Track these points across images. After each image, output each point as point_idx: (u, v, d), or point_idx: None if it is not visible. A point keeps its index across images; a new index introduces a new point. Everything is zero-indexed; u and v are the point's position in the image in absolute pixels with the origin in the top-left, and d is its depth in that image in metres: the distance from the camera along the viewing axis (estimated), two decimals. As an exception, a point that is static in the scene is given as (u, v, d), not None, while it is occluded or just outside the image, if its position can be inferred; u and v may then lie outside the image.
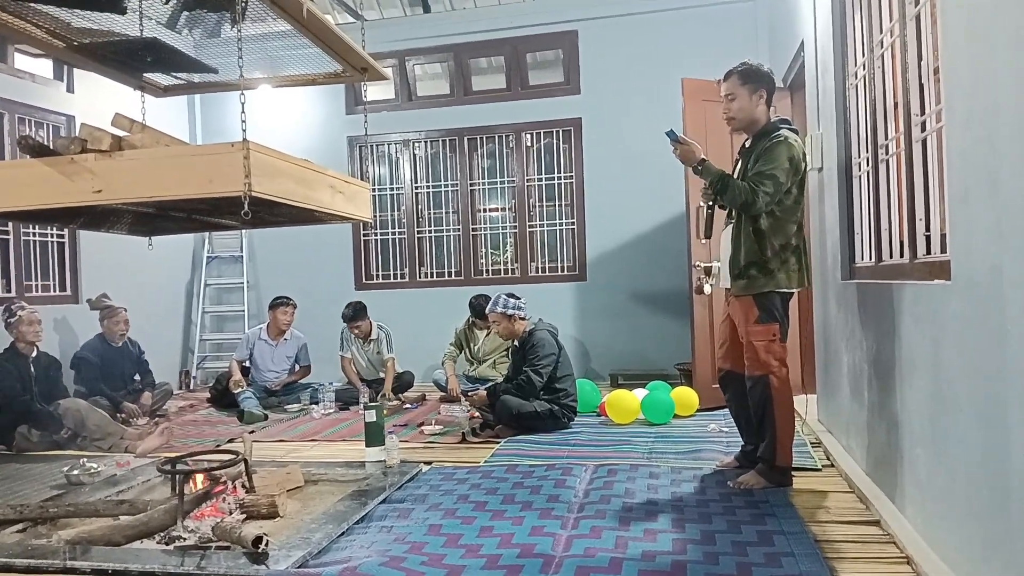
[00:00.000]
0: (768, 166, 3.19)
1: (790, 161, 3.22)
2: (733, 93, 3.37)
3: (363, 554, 2.60)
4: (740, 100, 3.36)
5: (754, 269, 3.26)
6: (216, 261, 8.14)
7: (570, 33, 7.36)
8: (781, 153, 3.21)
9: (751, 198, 3.17)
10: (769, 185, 3.17)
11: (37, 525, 3.14)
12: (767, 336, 3.27)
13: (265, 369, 6.30)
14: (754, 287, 3.26)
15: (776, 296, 3.29)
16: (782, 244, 3.26)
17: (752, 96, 3.36)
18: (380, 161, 8.03)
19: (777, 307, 3.29)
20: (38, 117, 6.32)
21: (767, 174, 3.18)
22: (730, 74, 3.40)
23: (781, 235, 3.26)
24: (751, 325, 3.29)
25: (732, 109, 3.39)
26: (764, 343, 3.26)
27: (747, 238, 3.28)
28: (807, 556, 2.48)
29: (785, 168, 3.20)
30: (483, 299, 6.20)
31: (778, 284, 3.26)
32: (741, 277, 3.29)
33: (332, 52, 3.49)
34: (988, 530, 1.97)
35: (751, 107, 3.37)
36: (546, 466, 3.80)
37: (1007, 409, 1.80)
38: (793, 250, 3.29)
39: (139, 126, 3.01)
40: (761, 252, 3.25)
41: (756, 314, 3.27)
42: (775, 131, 3.31)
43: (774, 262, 3.25)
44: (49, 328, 5.82)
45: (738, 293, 3.33)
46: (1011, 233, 1.75)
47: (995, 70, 1.83)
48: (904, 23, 2.78)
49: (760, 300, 3.27)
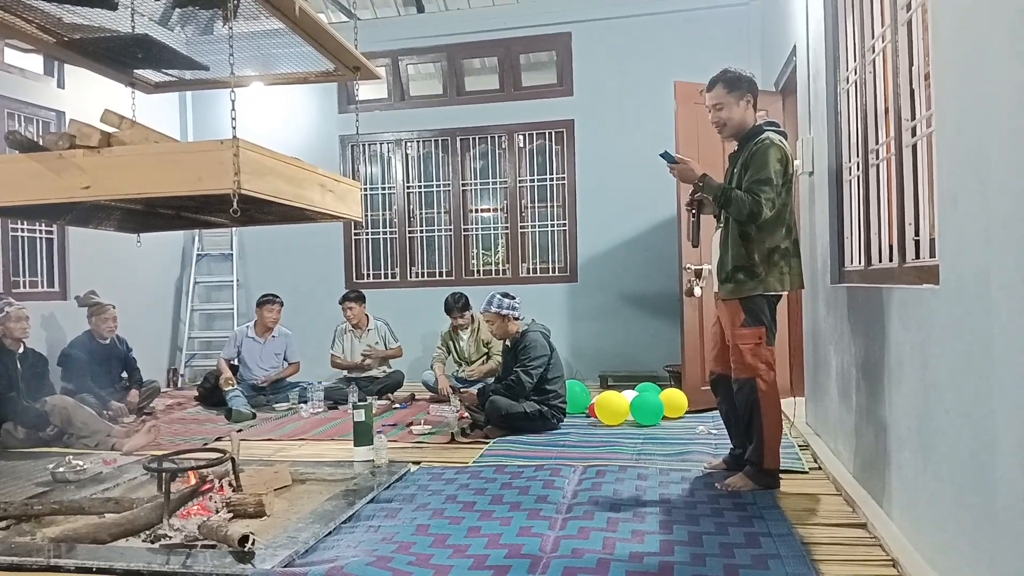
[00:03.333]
0: (761, 173, 3.20)
1: (780, 163, 3.24)
2: (720, 102, 3.38)
3: (350, 554, 2.59)
4: (728, 108, 3.37)
5: (741, 273, 3.27)
6: (206, 259, 8.11)
7: (563, 35, 7.36)
8: (771, 156, 3.22)
9: (756, 208, 3.17)
10: (768, 190, 3.18)
11: (21, 523, 3.12)
12: (753, 339, 3.28)
13: (254, 366, 6.28)
14: (741, 291, 3.28)
15: (763, 300, 3.29)
16: (770, 248, 3.27)
17: (740, 102, 3.37)
18: (372, 160, 8.01)
19: (764, 311, 3.30)
20: (28, 112, 6.28)
21: (763, 180, 3.19)
22: (714, 83, 3.41)
23: (769, 239, 3.27)
24: (737, 328, 3.31)
25: (722, 117, 3.39)
26: (750, 346, 3.27)
27: (735, 242, 3.29)
28: (794, 558, 2.49)
29: (777, 170, 3.22)
30: (458, 296, 6.23)
31: (766, 288, 3.27)
32: (728, 281, 3.31)
33: (324, 51, 3.49)
34: (974, 533, 1.98)
35: (740, 113, 3.38)
36: (535, 467, 3.80)
37: (994, 413, 1.81)
38: (782, 253, 3.29)
39: (128, 122, 3.00)
40: (748, 256, 3.26)
41: (742, 317, 3.29)
42: (760, 134, 3.32)
43: (762, 266, 3.26)
44: (37, 324, 5.78)
45: (725, 297, 3.35)
46: (999, 238, 1.76)
47: (986, 76, 1.84)
48: (896, 28, 2.80)
49: (747, 304, 3.28)
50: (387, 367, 6.59)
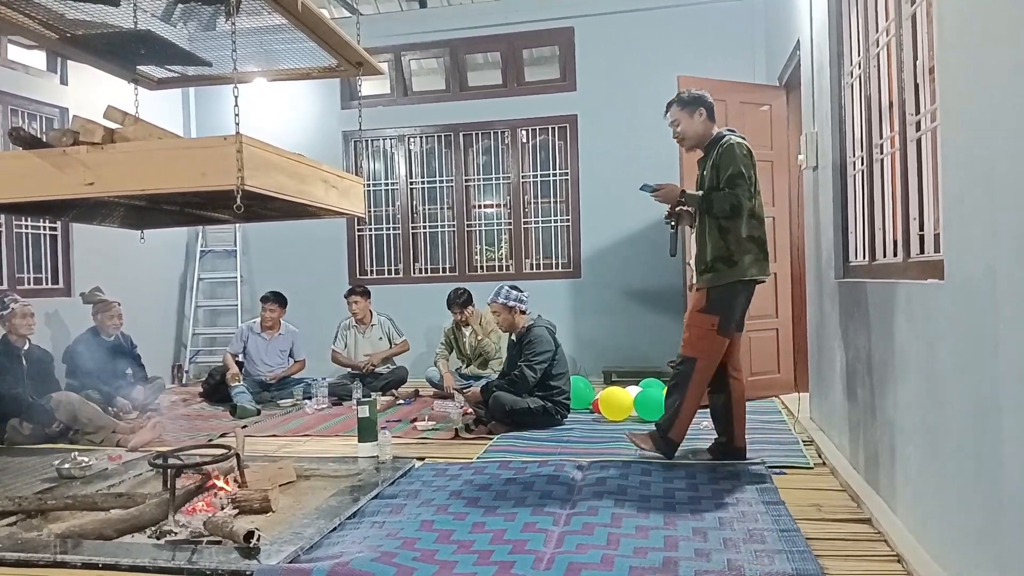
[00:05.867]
0: (730, 170, 3.50)
1: (746, 157, 3.54)
2: (677, 119, 3.74)
3: (355, 549, 2.60)
4: (684, 123, 3.73)
5: (720, 263, 3.55)
6: (210, 255, 8.11)
7: (567, 30, 7.34)
8: (736, 153, 3.52)
9: (736, 201, 3.47)
10: (741, 184, 3.48)
11: (28, 518, 3.13)
12: (705, 325, 3.58)
13: (259, 362, 6.29)
14: (720, 279, 3.55)
15: (741, 286, 3.56)
16: (745, 236, 3.54)
17: (693, 116, 3.71)
18: (375, 156, 8.01)
19: (734, 299, 3.56)
20: (31, 109, 6.28)
21: (734, 175, 3.49)
22: (670, 105, 3.78)
23: (744, 228, 3.54)
24: (695, 313, 3.64)
25: (680, 132, 3.75)
26: (700, 331, 3.59)
27: (712, 235, 3.58)
28: (798, 553, 2.49)
29: (746, 164, 3.52)
30: (461, 292, 6.23)
31: (743, 274, 3.53)
32: (708, 271, 3.59)
33: (327, 46, 3.48)
34: (979, 528, 1.97)
35: (695, 125, 3.71)
36: (539, 463, 3.80)
37: (999, 408, 1.81)
38: (756, 241, 3.56)
39: (132, 119, 3.00)
40: (727, 246, 3.54)
41: (703, 304, 3.59)
42: (722, 138, 3.64)
43: (738, 254, 3.54)
44: (41, 321, 5.80)
45: (702, 286, 3.62)
46: (1005, 233, 1.75)
47: (990, 70, 1.83)
48: (900, 22, 2.78)
49: (714, 292, 3.56)
50: (392, 363, 6.60)
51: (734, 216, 3.50)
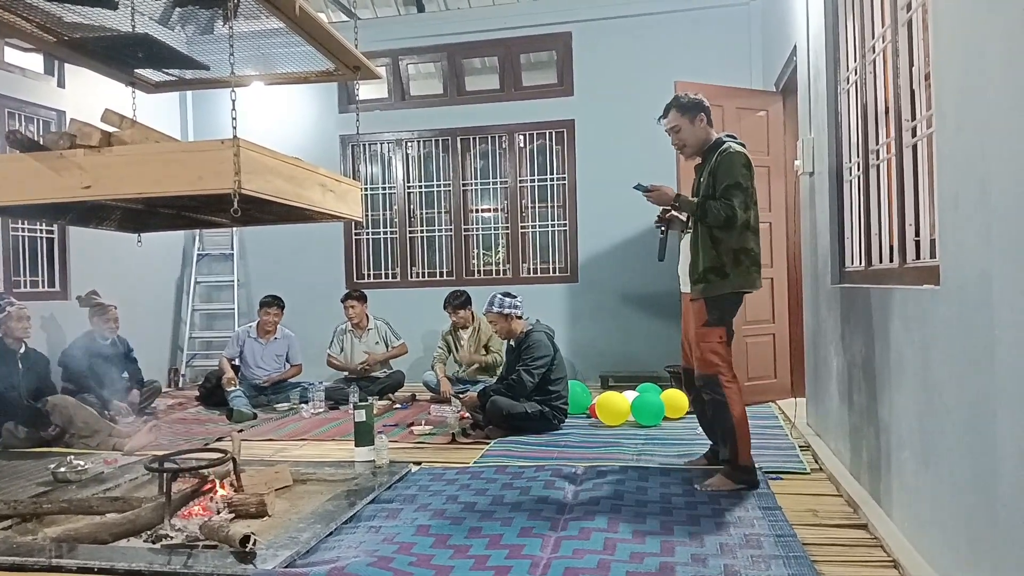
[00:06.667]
0: (730, 179, 3.36)
1: (745, 167, 3.40)
2: (677, 125, 3.57)
3: (351, 554, 2.59)
4: (685, 130, 3.56)
5: (712, 274, 3.42)
6: (207, 259, 8.10)
7: (564, 35, 7.36)
8: (735, 162, 3.39)
9: (731, 212, 3.32)
10: (738, 194, 3.34)
11: (24, 522, 3.12)
12: (714, 338, 3.43)
13: (255, 367, 6.28)
14: (712, 290, 3.42)
15: (732, 297, 3.45)
16: (737, 249, 3.41)
17: (694, 122, 3.55)
18: (372, 160, 8.01)
19: (727, 310, 3.45)
20: (28, 112, 6.27)
21: (731, 186, 3.35)
22: (668, 109, 3.61)
23: (737, 240, 3.40)
24: (700, 328, 3.47)
25: (681, 139, 3.59)
26: (711, 344, 3.43)
27: (705, 245, 3.44)
28: (794, 559, 2.49)
29: (744, 175, 3.38)
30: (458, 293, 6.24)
31: (735, 285, 3.42)
32: (701, 281, 3.45)
33: (325, 50, 3.48)
34: (975, 534, 1.98)
35: (696, 132, 3.56)
36: (536, 467, 3.80)
37: (995, 413, 1.81)
38: (748, 255, 3.43)
39: (129, 122, 3.00)
40: (719, 257, 3.40)
41: (706, 318, 3.44)
42: (722, 144, 3.50)
43: (730, 265, 3.41)
44: (38, 324, 5.78)
45: (695, 296, 3.49)
46: (1000, 239, 1.76)
47: (986, 76, 1.84)
48: (896, 29, 2.79)
49: (713, 303, 3.43)
50: (388, 367, 6.59)
51: (728, 227, 3.37)
